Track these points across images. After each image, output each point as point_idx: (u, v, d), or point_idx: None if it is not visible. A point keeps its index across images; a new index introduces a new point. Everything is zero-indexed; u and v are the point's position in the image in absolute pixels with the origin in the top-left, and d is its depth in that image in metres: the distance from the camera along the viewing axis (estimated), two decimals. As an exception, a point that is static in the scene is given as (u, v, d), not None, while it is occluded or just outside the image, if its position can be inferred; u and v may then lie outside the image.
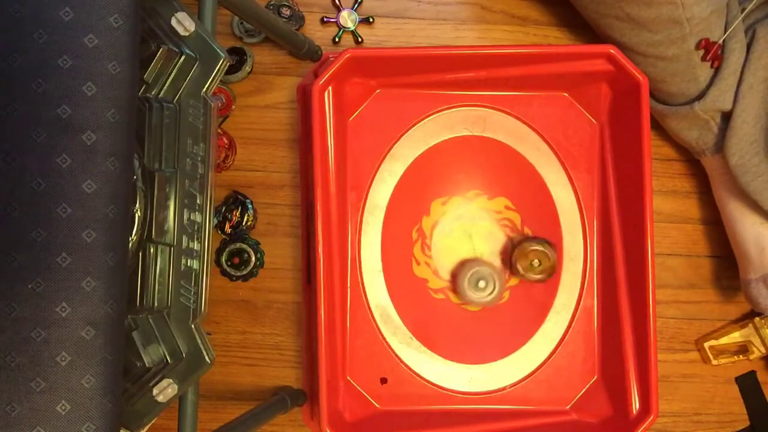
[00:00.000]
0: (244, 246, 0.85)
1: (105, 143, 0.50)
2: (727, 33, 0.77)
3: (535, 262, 0.80)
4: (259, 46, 0.87)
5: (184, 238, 0.60)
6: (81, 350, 0.49)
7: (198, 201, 0.61)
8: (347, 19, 0.87)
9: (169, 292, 0.60)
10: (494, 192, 0.84)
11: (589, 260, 0.84)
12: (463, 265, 0.82)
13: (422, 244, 0.83)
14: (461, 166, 0.84)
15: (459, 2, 0.89)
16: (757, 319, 0.88)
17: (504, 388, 0.83)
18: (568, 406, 0.83)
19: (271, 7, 0.86)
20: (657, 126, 0.86)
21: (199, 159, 0.61)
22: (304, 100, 0.85)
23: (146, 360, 0.59)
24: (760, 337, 0.87)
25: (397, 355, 0.82)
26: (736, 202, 0.82)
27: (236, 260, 0.86)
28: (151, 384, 0.59)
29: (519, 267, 0.80)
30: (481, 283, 0.80)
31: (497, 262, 0.83)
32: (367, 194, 0.82)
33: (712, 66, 0.78)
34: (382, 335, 0.82)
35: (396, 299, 0.82)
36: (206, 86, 0.60)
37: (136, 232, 0.58)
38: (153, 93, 0.60)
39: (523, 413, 0.82)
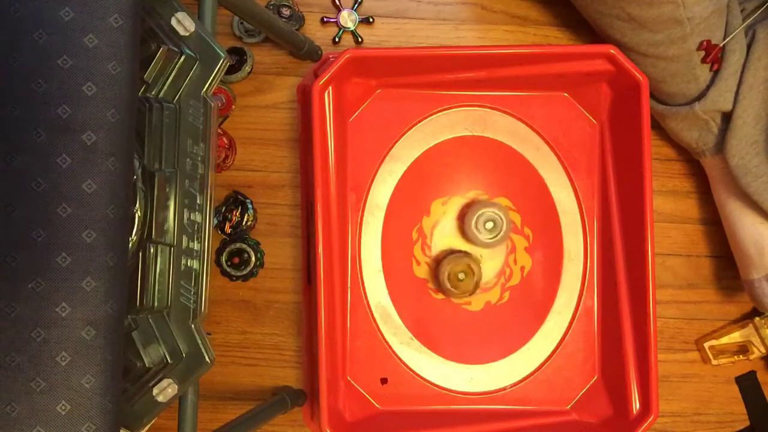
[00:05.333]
0: (244, 246, 0.85)
1: (105, 143, 0.50)
2: (730, 37, 0.77)
3: (461, 275, 0.79)
4: (259, 46, 0.87)
5: (184, 238, 0.60)
6: (81, 350, 0.49)
7: (198, 201, 0.61)
8: (347, 19, 0.87)
9: (169, 292, 0.60)
10: (494, 192, 0.84)
11: (589, 260, 0.84)
12: (470, 206, 0.82)
13: (422, 245, 0.83)
14: (461, 166, 0.84)
15: (459, 2, 0.89)
16: (757, 319, 0.88)
17: (504, 388, 0.83)
18: (569, 406, 0.83)
19: (271, 7, 0.86)
20: (657, 126, 0.86)
21: (199, 159, 0.61)
22: (304, 100, 0.85)
23: (146, 360, 0.59)
24: (760, 337, 0.87)
25: (397, 355, 0.82)
26: (736, 202, 0.82)
27: (236, 260, 0.86)
28: (151, 384, 0.59)
29: (447, 284, 0.79)
30: (489, 225, 0.80)
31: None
32: (367, 194, 0.82)
33: (711, 69, 0.78)
34: (382, 335, 0.82)
35: (396, 299, 0.82)
36: (206, 86, 0.60)
37: (136, 232, 0.58)
38: (153, 93, 0.60)
39: (524, 413, 0.82)
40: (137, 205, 0.58)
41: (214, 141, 0.62)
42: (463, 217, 0.82)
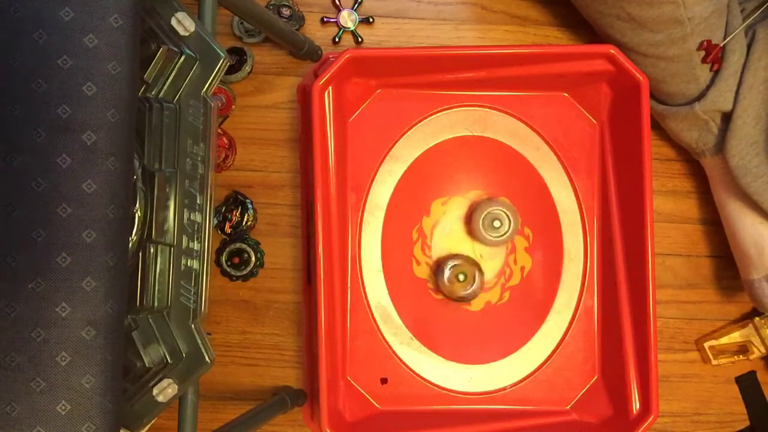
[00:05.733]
0: (244, 246, 0.85)
1: (105, 143, 0.50)
2: (730, 37, 0.77)
3: (461, 276, 0.79)
4: (259, 46, 0.87)
5: (184, 238, 0.60)
6: (81, 350, 0.49)
7: (198, 201, 0.61)
8: (347, 19, 0.87)
9: (169, 292, 0.60)
10: (494, 192, 0.84)
11: (589, 260, 0.84)
12: (476, 206, 0.82)
13: (422, 245, 0.83)
14: (461, 166, 0.84)
15: (459, 2, 0.89)
16: (757, 319, 0.88)
17: (504, 388, 0.83)
18: (569, 406, 0.83)
19: (271, 7, 0.86)
20: (657, 126, 0.86)
21: (199, 159, 0.61)
22: (304, 100, 0.85)
23: (146, 360, 0.59)
24: (760, 337, 0.87)
25: (397, 355, 0.82)
26: (736, 202, 0.82)
27: (236, 260, 0.86)
28: (151, 384, 0.59)
29: (446, 283, 0.80)
30: (496, 223, 0.80)
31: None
32: (367, 194, 0.82)
33: (711, 69, 0.78)
34: (382, 335, 0.82)
35: (396, 299, 0.82)
36: (206, 86, 0.60)
37: (136, 232, 0.58)
38: (153, 93, 0.60)
39: (524, 413, 0.82)
40: (137, 205, 0.58)
41: (214, 141, 0.62)
42: (469, 217, 0.82)
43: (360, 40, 0.88)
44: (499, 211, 0.79)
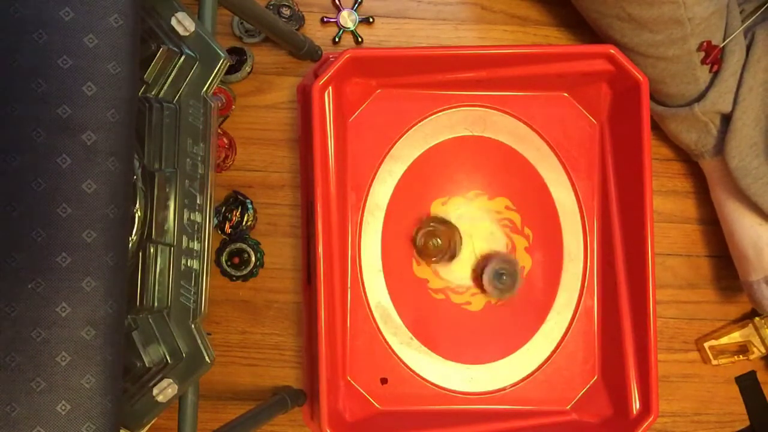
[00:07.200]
0: (244, 246, 0.85)
1: (105, 143, 0.50)
2: (730, 39, 0.77)
3: (435, 241, 0.79)
4: (259, 46, 0.87)
5: (184, 238, 0.60)
6: (81, 350, 0.49)
7: (198, 201, 0.61)
8: (347, 19, 0.87)
9: (169, 292, 0.60)
10: (494, 192, 0.84)
11: (589, 260, 0.84)
12: (485, 260, 0.82)
13: (422, 244, 0.83)
14: (461, 166, 0.84)
15: (459, 2, 0.89)
16: (757, 319, 0.88)
17: (504, 388, 0.83)
18: (569, 406, 0.83)
19: (271, 7, 0.86)
20: (656, 126, 0.86)
21: (199, 159, 0.61)
22: (304, 100, 0.85)
23: (146, 360, 0.59)
24: (760, 337, 0.87)
25: (397, 355, 0.82)
26: (735, 203, 0.82)
27: (236, 260, 0.86)
28: (151, 384, 0.59)
29: (423, 253, 0.80)
30: (504, 278, 0.80)
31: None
32: (367, 194, 0.82)
33: (711, 70, 0.78)
34: (382, 335, 0.82)
35: (396, 299, 0.82)
36: (206, 86, 0.60)
37: (136, 232, 0.58)
38: (153, 93, 0.60)
39: (523, 413, 0.82)
40: (137, 205, 0.58)
41: (214, 141, 0.62)
42: (480, 270, 0.82)
43: (360, 40, 0.88)
44: (506, 268, 0.80)
